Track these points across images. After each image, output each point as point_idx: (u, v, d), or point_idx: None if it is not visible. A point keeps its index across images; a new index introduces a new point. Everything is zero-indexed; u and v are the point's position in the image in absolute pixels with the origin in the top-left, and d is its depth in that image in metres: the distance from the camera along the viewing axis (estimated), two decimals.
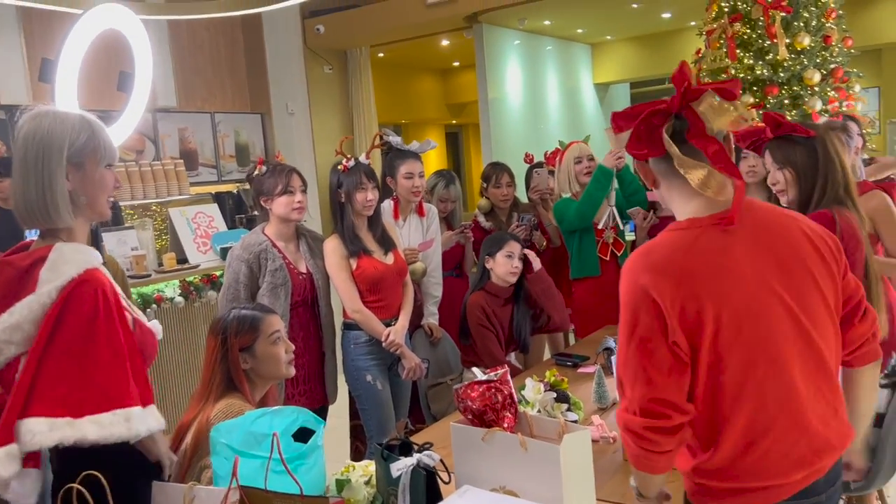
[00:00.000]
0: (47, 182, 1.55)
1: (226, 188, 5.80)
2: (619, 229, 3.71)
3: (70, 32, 3.20)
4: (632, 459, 1.43)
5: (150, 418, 1.57)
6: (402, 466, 1.53)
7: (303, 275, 2.90)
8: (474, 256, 3.73)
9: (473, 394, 1.63)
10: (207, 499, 1.49)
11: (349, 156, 2.96)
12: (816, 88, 4.44)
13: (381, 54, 8.13)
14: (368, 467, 1.71)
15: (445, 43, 7.95)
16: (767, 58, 4.49)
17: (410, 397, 3.15)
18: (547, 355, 3.89)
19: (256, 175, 2.90)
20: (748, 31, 4.55)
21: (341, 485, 1.66)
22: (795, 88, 4.46)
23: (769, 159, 2.36)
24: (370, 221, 3.00)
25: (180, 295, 4.26)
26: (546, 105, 7.91)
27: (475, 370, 1.72)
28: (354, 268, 2.91)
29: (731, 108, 1.36)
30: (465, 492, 1.58)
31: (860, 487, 2.19)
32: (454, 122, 11.65)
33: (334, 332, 3.03)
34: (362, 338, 2.95)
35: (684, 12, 6.88)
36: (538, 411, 2.13)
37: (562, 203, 3.70)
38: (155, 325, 1.71)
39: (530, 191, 4.19)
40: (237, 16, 5.47)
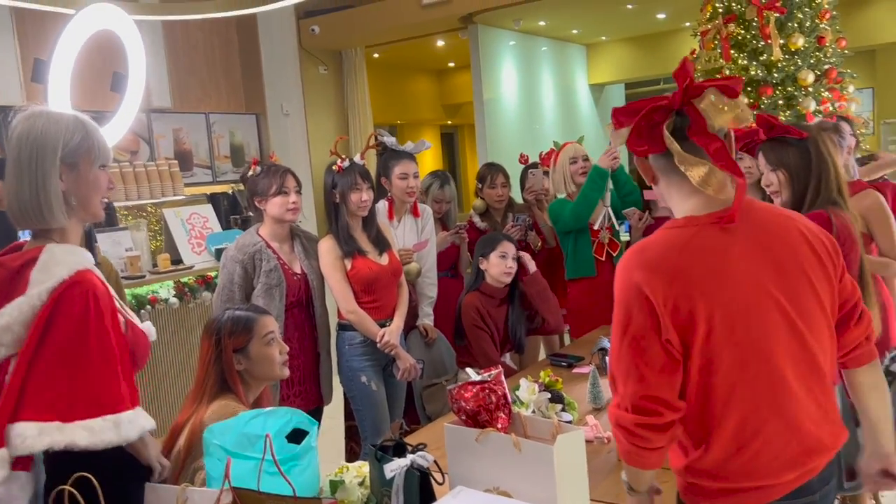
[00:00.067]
0: (41, 182, 1.54)
1: (220, 189, 5.79)
2: (615, 230, 3.72)
3: (63, 33, 3.19)
4: (623, 455, 1.43)
5: (140, 419, 1.56)
6: (395, 467, 1.53)
7: (297, 275, 2.90)
8: (469, 257, 3.73)
9: (467, 394, 1.63)
10: (200, 500, 1.49)
11: (344, 156, 2.96)
12: (810, 89, 4.45)
13: (376, 55, 8.13)
14: (362, 468, 1.71)
15: (441, 43, 7.95)
16: (762, 58, 4.50)
17: (405, 398, 3.15)
18: (542, 355, 3.89)
19: (251, 176, 2.90)
20: (742, 31, 4.56)
21: (335, 486, 1.65)
22: (790, 89, 4.47)
23: (762, 161, 2.36)
24: (365, 222, 3.00)
25: (175, 296, 4.25)
26: (541, 106, 7.92)
27: (469, 371, 1.72)
28: (349, 268, 2.90)
29: (732, 105, 1.35)
30: (459, 492, 1.58)
31: (854, 487, 2.20)
32: (449, 122, 11.65)
33: (329, 333, 3.03)
34: (357, 338, 2.95)
35: (679, 13, 6.89)
36: (532, 412, 2.13)
37: (557, 204, 3.70)
38: (148, 327, 1.71)
39: (525, 191, 4.19)
40: (232, 16, 5.46)
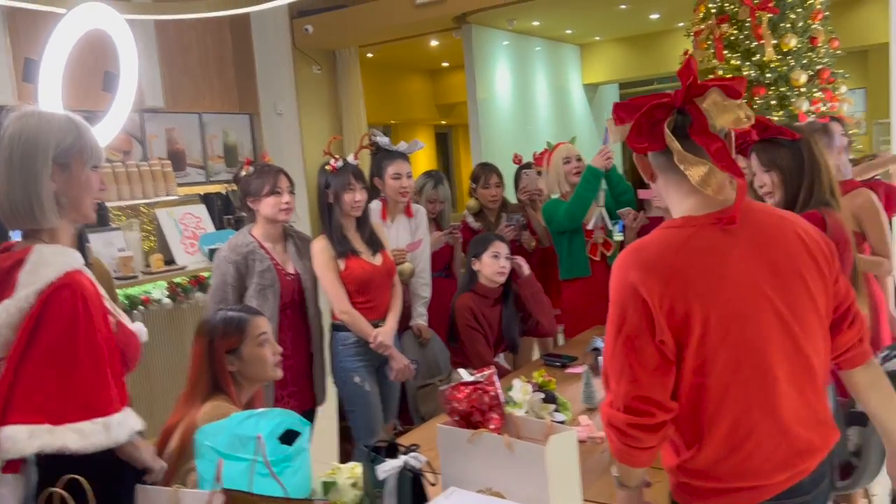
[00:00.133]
0: (32, 183, 1.53)
1: (214, 189, 5.77)
2: (608, 230, 3.72)
3: (53, 32, 3.18)
4: (614, 453, 1.43)
5: (129, 421, 1.55)
6: (388, 469, 1.53)
7: (291, 276, 2.89)
8: (464, 257, 3.73)
9: (460, 395, 1.63)
10: (191, 502, 1.48)
11: (337, 156, 2.96)
12: (803, 89, 4.47)
13: (369, 54, 8.13)
14: (355, 469, 1.71)
15: (434, 43, 7.95)
16: (754, 59, 4.52)
17: (399, 398, 3.15)
18: (536, 355, 3.89)
19: (243, 176, 2.89)
20: (735, 32, 4.57)
21: (328, 487, 1.65)
22: (782, 89, 4.49)
23: (755, 162, 2.37)
24: (358, 222, 2.99)
25: (168, 296, 4.24)
26: (535, 106, 7.93)
27: (461, 371, 1.71)
28: (342, 269, 2.90)
29: (734, 105, 1.35)
30: (452, 493, 1.58)
31: (846, 486, 2.21)
32: (444, 122, 11.65)
33: (322, 334, 3.02)
34: (350, 339, 2.94)
35: (672, 13, 6.92)
36: (526, 412, 2.13)
37: (551, 204, 3.71)
38: (139, 328, 1.70)
39: (519, 192, 4.19)
40: (225, 16, 5.44)
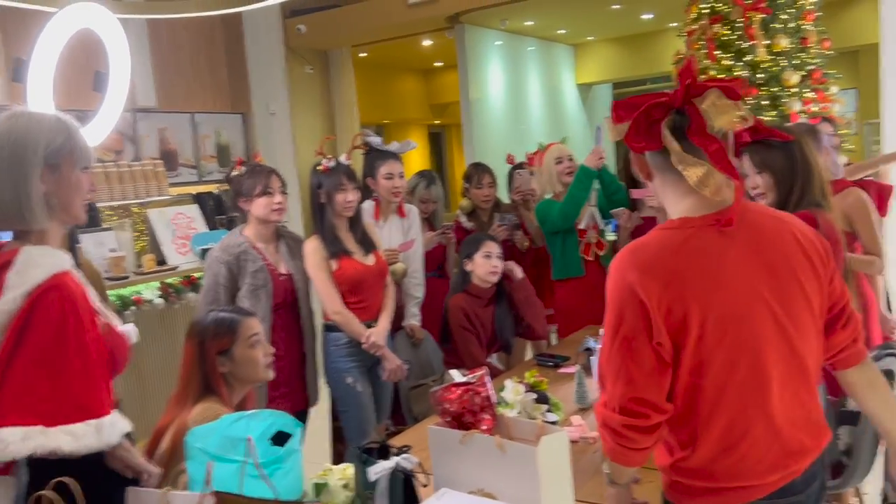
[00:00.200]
0: (21, 183, 1.52)
1: (206, 189, 5.76)
2: (601, 229, 3.72)
3: (42, 32, 3.16)
4: (608, 453, 1.43)
5: (119, 423, 1.55)
6: (379, 470, 1.52)
7: (283, 276, 2.88)
8: (456, 257, 3.73)
9: (451, 396, 1.63)
10: None
11: (329, 156, 2.95)
12: (794, 90, 4.48)
13: (362, 54, 8.11)
14: (346, 471, 1.70)
15: (427, 43, 7.95)
16: (746, 59, 4.53)
17: (392, 399, 3.14)
18: (529, 356, 3.89)
19: (235, 176, 2.88)
20: (727, 32, 4.58)
21: (319, 488, 1.65)
22: (774, 89, 4.50)
23: (747, 163, 2.37)
24: (351, 222, 2.99)
25: (160, 297, 4.22)
26: (528, 105, 7.93)
27: (453, 372, 1.71)
28: (335, 269, 2.89)
29: (733, 107, 1.34)
30: (443, 494, 1.58)
31: (837, 485, 2.21)
32: (437, 122, 11.65)
33: (315, 334, 3.02)
34: (343, 339, 2.94)
35: (665, 13, 6.93)
36: (518, 412, 2.13)
37: (544, 204, 3.70)
38: (129, 330, 1.69)
39: (512, 192, 4.19)
40: (217, 15, 5.43)
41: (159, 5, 4.54)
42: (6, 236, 1.65)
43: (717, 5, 4.59)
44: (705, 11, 4.65)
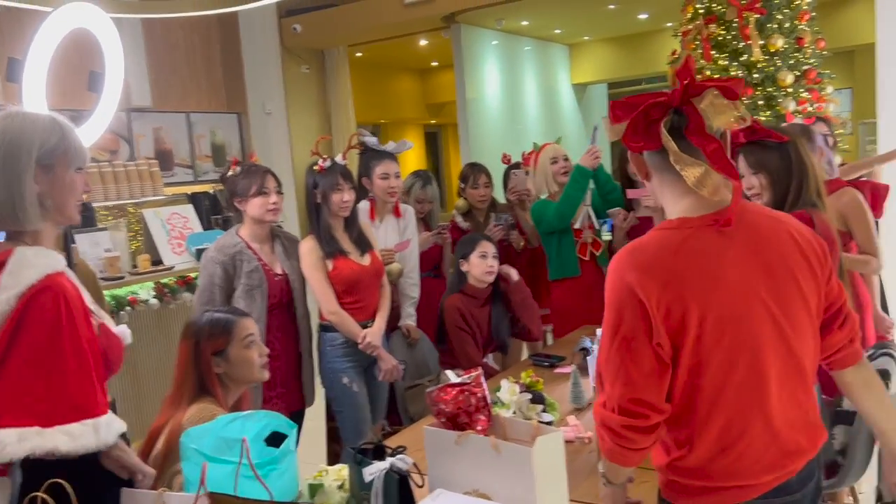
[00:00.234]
0: (15, 184, 1.52)
1: (201, 189, 5.75)
2: (597, 229, 3.72)
3: (37, 31, 3.15)
4: (606, 453, 1.43)
5: (115, 423, 1.54)
6: (374, 471, 1.52)
7: (279, 276, 2.88)
8: (453, 257, 3.73)
9: (446, 397, 1.62)
10: None
11: (325, 156, 2.95)
12: (790, 90, 4.49)
13: (358, 54, 8.11)
14: (342, 471, 1.70)
15: (423, 43, 7.95)
16: (742, 59, 4.53)
17: (388, 399, 3.14)
18: (525, 356, 3.89)
19: (230, 176, 2.88)
20: (723, 32, 4.58)
21: (314, 489, 1.65)
22: (769, 89, 4.50)
23: (743, 164, 2.37)
24: (346, 222, 2.98)
25: (155, 297, 4.21)
26: (524, 105, 7.94)
27: (448, 373, 1.71)
28: (331, 269, 2.89)
29: (731, 106, 1.34)
30: (439, 495, 1.58)
31: (832, 485, 2.22)
32: (433, 121, 11.65)
33: (311, 334, 3.01)
34: (338, 339, 2.93)
35: (660, 13, 6.94)
36: (513, 413, 2.13)
37: (539, 204, 3.70)
38: (122, 331, 1.69)
39: (508, 192, 4.19)
40: (213, 15, 5.42)
41: (154, 5, 4.53)
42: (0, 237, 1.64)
43: (713, 5, 4.59)
44: (701, 11, 4.65)
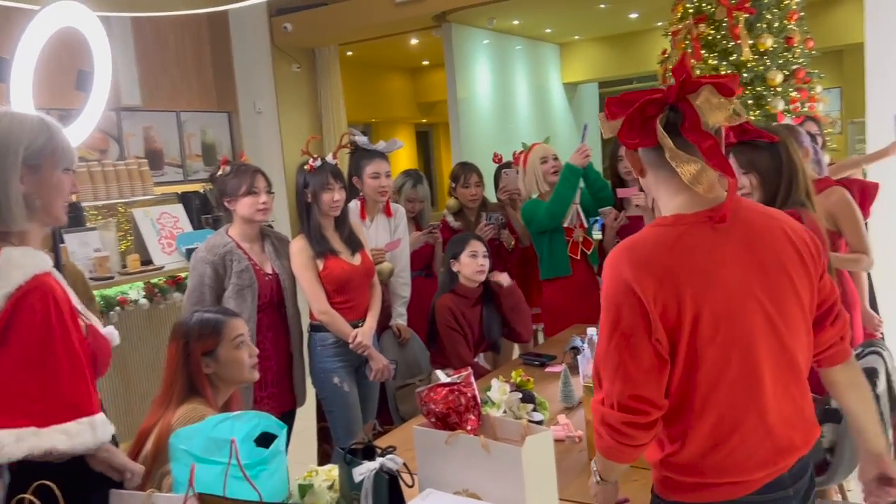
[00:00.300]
0: (1, 184, 1.51)
1: (192, 188, 5.73)
2: (588, 227, 3.73)
3: (25, 30, 3.13)
4: (603, 450, 1.43)
5: (107, 424, 1.54)
6: (364, 471, 1.52)
7: (269, 276, 2.87)
8: (444, 256, 3.72)
9: (436, 397, 1.62)
10: None
11: (316, 156, 2.94)
12: (779, 89, 4.51)
13: (349, 53, 8.10)
14: (332, 472, 1.70)
15: (414, 42, 7.94)
16: (731, 58, 4.55)
17: (379, 398, 3.14)
18: (516, 355, 3.90)
19: (220, 175, 2.86)
20: (713, 31, 4.60)
21: (304, 490, 1.64)
22: (759, 89, 4.52)
23: (734, 163, 2.38)
24: (337, 222, 2.98)
25: (145, 297, 4.20)
26: (515, 104, 7.95)
27: (439, 373, 1.71)
28: (321, 269, 2.88)
29: (727, 103, 1.34)
30: (429, 495, 1.58)
31: (821, 482, 2.23)
32: (424, 121, 11.64)
33: (301, 334, 3.00)
34: (329, 339, 2.93)
35: (651, 13, 6.96)
36: (504, 412, 2.13)
37: (530, 204, 3.69)
38: (110, 332, 1.68)
39: (499, 191, 4.19)
40: (203, 14, 5.40)
41: (144, 3, 4.51)
42: None
43: (703, 5, 4.61)
44: (690, 11, 4.67)
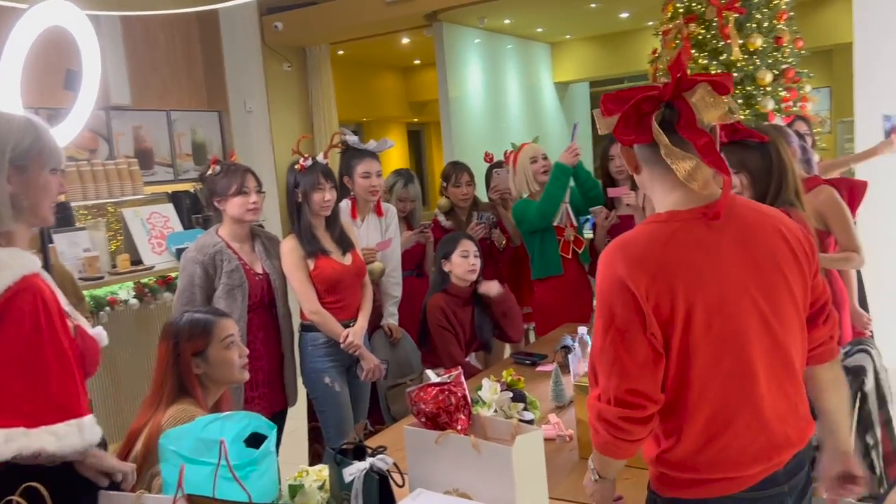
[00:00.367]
0: None
1: (182, 187, 5.70)
2: (579, 226, 3.73)
3: (13, 29, 3.11)
4: (600, 446, 1.44)
5: (96, 427, 1.54)
6: (354, 471, 1.52)
7: (259, 276, 2.86)
8: (435, 256, 3.72)
9: (426, 396, 1.62)
10: None
11: (306, 155, 2.94)
12: (769, 88, 4.53)
13: (340, 52, 8.08)
14: (322, 472, 1.70)
15: (406, 41, 7.93)
16: (721, 58, 4.56)
17: (370, 398, 3.14)
18: (507, 354, 3.90)
19: (210, 175, 2.85)
20: (703, 31, 4.62)
21: (294, 490, 1.64)
22: (749, 88, 4.54)
23: None
24: (328, 221, 2.97)
25: (135, 297, 4.18)
26: (507, 104, 7.95)
27: (429, 372, 1.71)
28: (312, 268, 2.88)
29: (722, 101, 1.35)
30: (419, 495, 1.58)
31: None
32: (416, 120, 11.63)
33: (293, 334, 3.00)
34: (320, 339, 2.93)
35: (641, 12, 6.97)
36: (495, 411, 2.14)
37: (521, 204, 3.69)
38: (99, 332, 1.67)
39: (490, 190, 4.19)
40: (193, 12, 5.38)
41: (133, 2, 4.49)
42: None
43: (693, 5, 4.62)
44: (681, 11, 4.68)
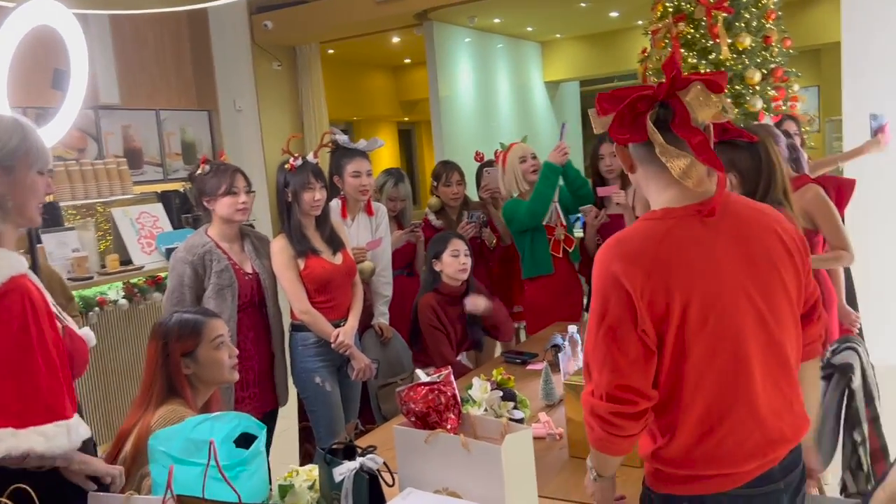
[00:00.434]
0: None
1: (172, 187, 5.68)
2: (569, 225, 3.74)
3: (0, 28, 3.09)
4: (595, 443, 1.45)
5: (82, 426, 1.53)
6: (344, 471, 1.52)
7: (249, 275, 2.86)
8: (426, 255, 3.72)
9: (416, 396, 1.63)
10: None
11: (296, 154, 2.93)
12: (757, 87, 4.55)
13: (330, 51, 8.06)
14: (312, 472, 1.70)
15: (396, 40, 7.92)
16: (710, 57, 4.58)
17: (361, 397, 3.13)
18: (498, 352, 3.90)
19: (199, 175, 2.84)
20: (692, 30, 4.63)
21: (284, 490, 1.64)
22: (738, 87, 4.56)
23: None
24: (318, 221, 2.97)
25: (124, 297, 4.17)
26: (497, 103, 7.96)
27: (419, 372, 1.71)
28: (302, 268, 2.87)
29: (716, 100, 1.37)
30: (409, 494, 1.58)
31: None
32: (406, 119, 11.61)
33: (283, 334, 2.99)
34: (310, 339, 2.92)
35: (631, 12, 6.99)
36: (485, 410, 2.14)
37: (511, 203, 3.70)
38: (86, 333, 1.67)
39: (481, 189, 4.19)
40: (182, 11, 5.35)
41: (122, 0, 4.46)
42: None
43: (682, 4, 4.64)
44: (670, 10, 4.70)
